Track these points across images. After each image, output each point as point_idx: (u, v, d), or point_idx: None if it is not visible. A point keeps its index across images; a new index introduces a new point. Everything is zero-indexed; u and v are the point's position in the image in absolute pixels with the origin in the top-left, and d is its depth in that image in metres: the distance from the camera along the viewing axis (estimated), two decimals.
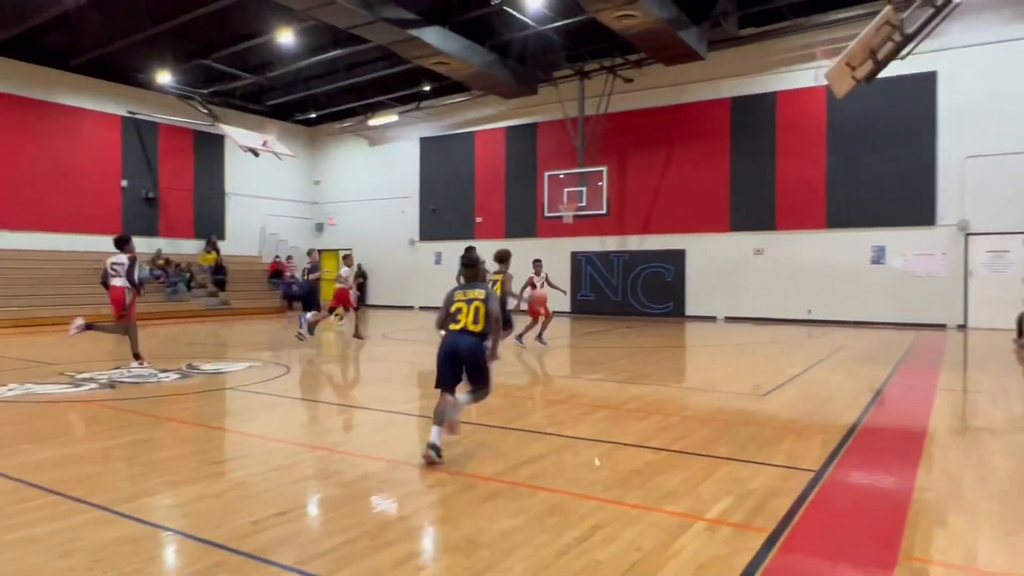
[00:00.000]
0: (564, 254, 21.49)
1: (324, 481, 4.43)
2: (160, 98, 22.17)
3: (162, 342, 13.15)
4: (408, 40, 16.70)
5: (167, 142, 23.04)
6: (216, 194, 24.57)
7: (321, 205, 27.89)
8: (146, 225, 22.41)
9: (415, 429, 6.12)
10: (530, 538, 3.40)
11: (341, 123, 26.27)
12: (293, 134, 25.93)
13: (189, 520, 3.67)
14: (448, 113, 24.07)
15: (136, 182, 22.15)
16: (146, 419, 6.32)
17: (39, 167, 19.76)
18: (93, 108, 21.09)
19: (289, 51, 19.72)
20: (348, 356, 12.15)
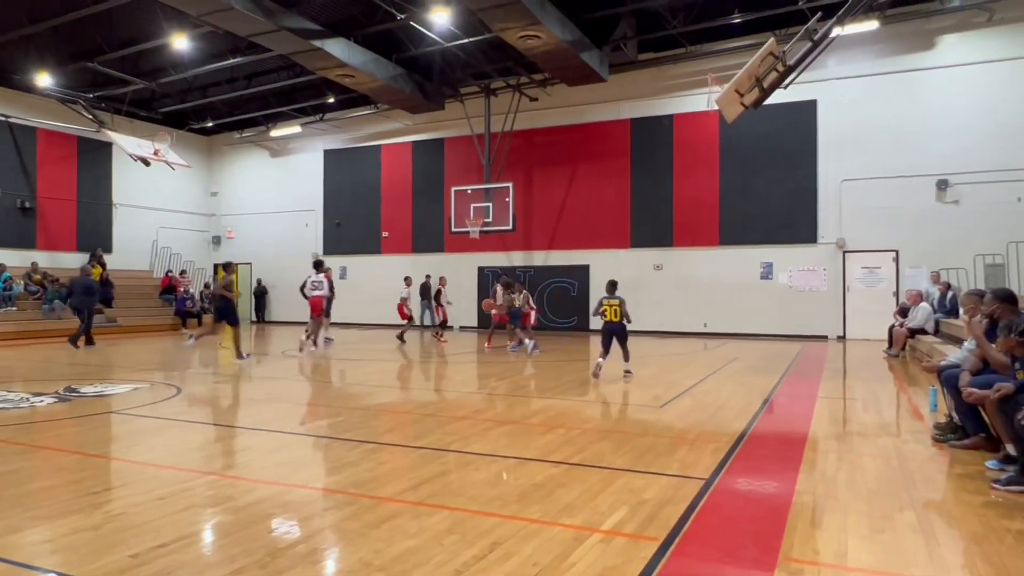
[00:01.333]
0: (471, 269, 21.56)
1: (213, 508, 4.22)
2: (40, 101, 20.71)
3: (37, 364, 12.21)
4: (311, 51, 16.39)
5: (47, 148, 21.52)
6: (102, 204, 23.12)
7: (219, 217, 26.78)
8: (21, 236, 20.82)
9: (311, 450, 5.95)
10: (428, 558, 3.37)
11: (241, 133, 25.41)
12: (188, 143, 24.83)
13: (60, 556, 3.41)
14: (353, 126, 23.74)
15: (10, 190, 20.54)
16: (14, 448, 5.84)
17: None
18: None
19: (184, 57, 18.93)
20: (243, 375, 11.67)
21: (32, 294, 19.26)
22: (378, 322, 22.22)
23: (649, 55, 18.89)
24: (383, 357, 14.05)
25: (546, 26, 14.78)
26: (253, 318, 25.67)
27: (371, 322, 22.37)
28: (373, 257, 23.20)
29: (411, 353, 14.81)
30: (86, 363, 12.23)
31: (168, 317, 21.48)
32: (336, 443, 5.96)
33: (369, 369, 12.23)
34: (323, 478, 4.97)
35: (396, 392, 9.62)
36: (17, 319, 18.19)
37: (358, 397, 8.92)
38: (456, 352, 15.03)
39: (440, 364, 12.66)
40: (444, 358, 13.70)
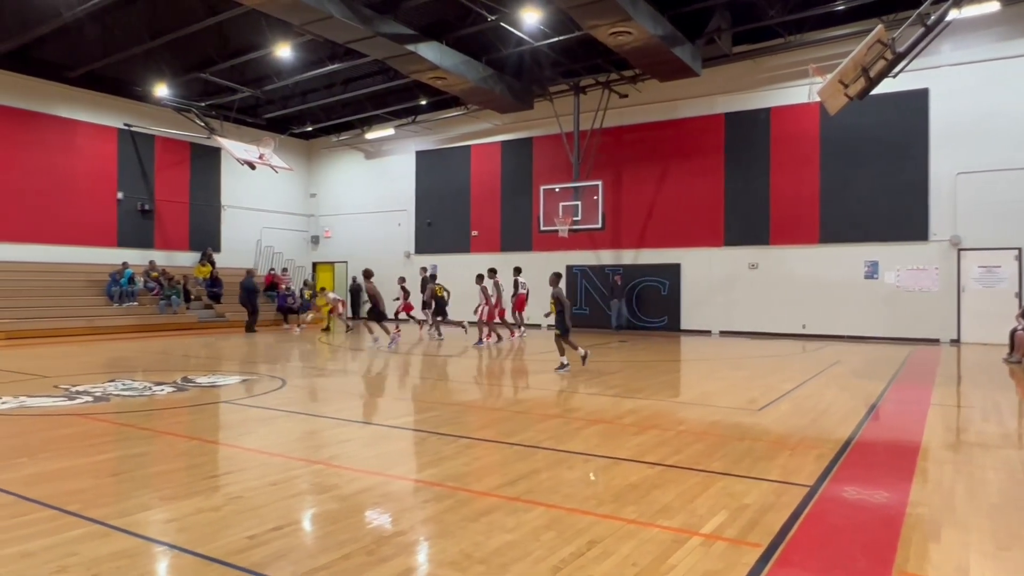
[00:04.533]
0: (559, 268, 21.53)
1: (320, 495, 4.43)
2: (157, 111, 22.23)
3: (156, 355, 13.12)
4: (405, 55, 16.82)
5: (164, 154, 23.08)
6: (212, 207, 24.58)
7: (317, 218, 27.92)
8: (142, 237, 22.40)
9: (410, 443, 6.12)
10: (526, 553, 3.42)
11: (338, 136, 26.38)
12: (290, 147, 26.00)
13: (185, 535, 3.67)
14: (444, 127, 24.19)
15: (132, 194, 22.15)
16: (141, 433, 6.31)
17: (35, 179, 19.76)
18: (89, 120, 21.12)
19: (286, 65, 19.83)
20: (344, 370, 12.14)
21: (150, 291, 20.71)
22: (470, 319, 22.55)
23: (744, 47, 18.30)
24: (475, 354, 14.26)
25: (637, 22, 14.58)
26: (349, 314, 26.59)
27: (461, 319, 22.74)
28: (463, 256, 23.57)
29: (500, 352, 14.96)
30: (199, 355, 13.04)
31: (271, 312, 22.59)
32: (432, 437, 6.11)
33: (460, 366, 12.45)
34: (421, 471, 5.10)
35: (487, 389, 9.75)
36: (138, 313, 19.61)
37: (451, 393, 9.11)
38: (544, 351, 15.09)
39: (529, 363, 12.73)
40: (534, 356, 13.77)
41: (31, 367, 11.09)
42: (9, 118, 19.33)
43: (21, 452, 5.52)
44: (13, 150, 19.37)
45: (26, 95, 19.64)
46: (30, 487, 4.46)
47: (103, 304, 19.54)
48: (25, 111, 19.67)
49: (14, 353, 13.50)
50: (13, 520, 3.86)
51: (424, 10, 16.60)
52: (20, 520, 3.86)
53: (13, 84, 19.26)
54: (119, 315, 19.32)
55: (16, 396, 7.98)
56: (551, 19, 16.21)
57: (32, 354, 13.31)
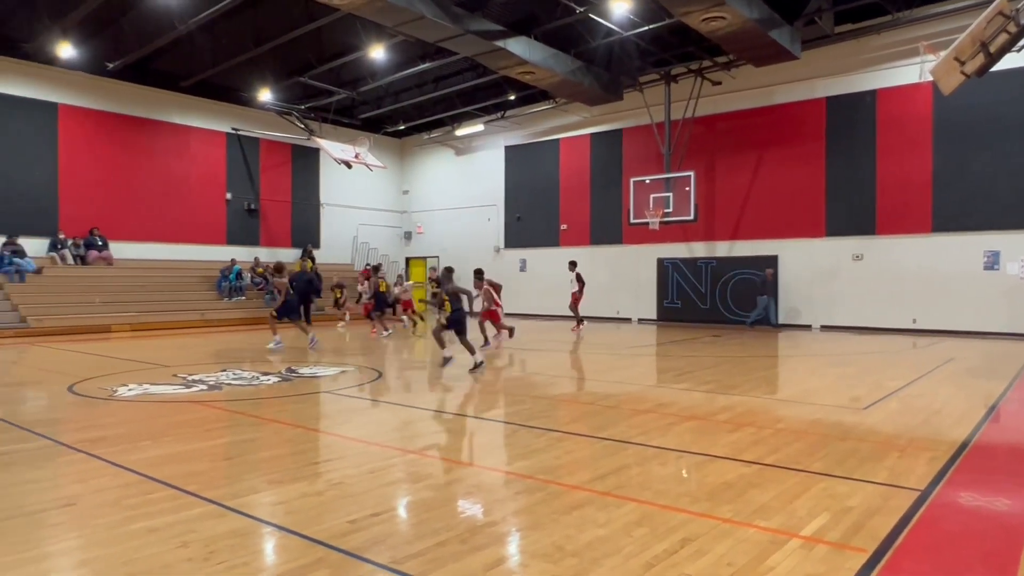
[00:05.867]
0: (650, 261, 21.20)
1: (415, 484, 4.56)
2: (261, 115, 23.42)
3: (262, 347, 13.84)
4: (494, 51, 16.96)
5: (267, 156, 24.30)
6: (312, 205, 25.68)
7: (410, 214, 28.66)
8: (248, 235, 23.69)
9: (501, 436, 6.20)
10: (618, 548, 3.41)
11: (429, 134, 26.95)
12: (384, 146, 26.78)
13: (292, 517, 3.87)
14: (533, 121, 24.25)
15: (239, 194, 23.46)
16: (250, 420, 6.70)
17: (153, 182, 21.26)
18: (200, 126, 22.51)
19: (380, 66, 20.42)
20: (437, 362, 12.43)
21: (256, 285, 21.89)
22: (557, 313, 22.60)
23: (847, 27, 17.35)
24: (562, 348, 14.28)
25: (731, 6, 14.10)
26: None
27: (550, 313, 22.80)
28: (552, 250, 23.59)
29: (589, 345, 14.90)
30: (301, 347, 13.66)
31: None
32: (522, 430, 6.17)
33: (548, 359, 12.49)
34: (512, 463, 5.17)
35: (576, 383, 9.73)
36: (245, 307, 20.79)
37: (540, 386, 9.16)
38: (635, 346, 14.92)
39: (619, 357, 12.60)
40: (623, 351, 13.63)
41: (152, 357, 11.95)
42: (131, 126, 20.87)
43: (146, 436, 5.97)
44: (134, 156, 20.90)
45: (145, 104, 21.13)
46: (154, 468, 4.82)
47: (214, 298, 20.82)
48: (144, 119, 21.18)
49: (138, 344, 14.59)
50: (141, 498, 4.19)
51: (512, 5, 16.69)
52: (146, 498, 4.19)
53: (133, 94, 20.77)
54: (228, 309, 20.54)
55: (140, 384, 8.64)
56: (641, 8, 15.93)
57: (153, 345, 14.35)
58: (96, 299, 18.04)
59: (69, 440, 5.71)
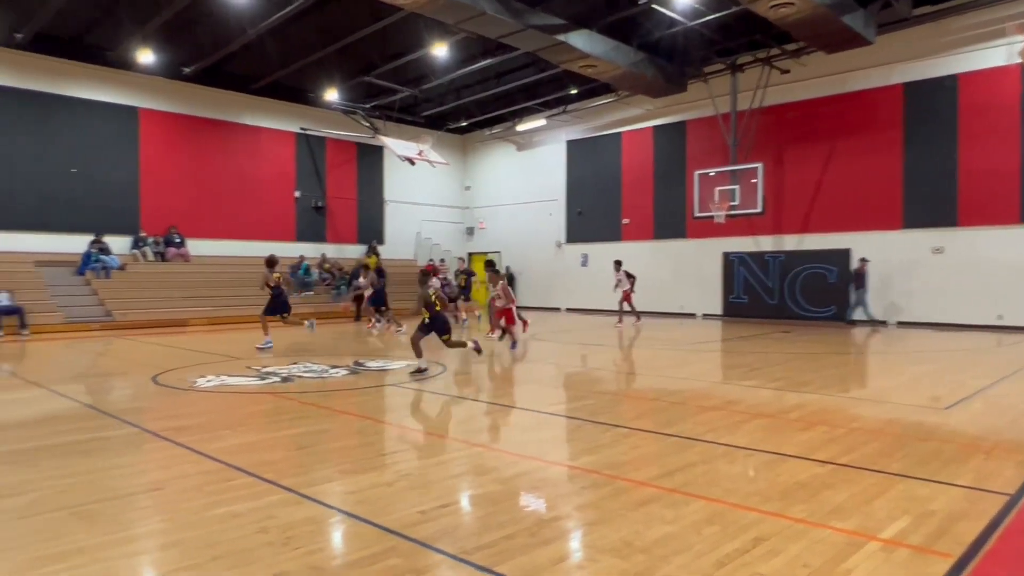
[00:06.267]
0: (715, 255, 20.78)
1: (482, 477, 4.62)
2: (327, 114, 24.01)
3: (330, 340, 14.23)
4: (555, 45, 16.90)
5: (334, 155, 24.90)
6: (376, 202, 26.20)
7: (472, 210, 28.88)
8: (316, 232, 24.34)
9: (566, 430, 6.20)
10: (687, 545, 3.37)
11: (490, 129, 27.08)
12: (446, 142, 27.06)
13: (364, 506, 3.98)
14: (594, 115, 24.07)
15: (307, 192, 24.13)
16: (321, 411, 6.90)
17: (225, 182, 22.08)
18: (270, 126, 23.23)
19: (442, 63, 20.63)
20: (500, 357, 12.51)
21: (323, 281, 22.48)
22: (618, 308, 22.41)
23: (926, 8, 16.55)
24: (624, 344, 14.15)
25: None
26: None
27: (612, 309, 22.62)
28: (614, 244, 23.38)
29: (653, 341, 14.72)
30: (368, 340, 13.99)
31: None
32: (588, 425, 6.15)
33: (610, 355, 12.41)
34: (578, 457, 5.16)
35: (640, 379, 9.64)
36: (314, 302, 21.36)
37: (603, 382, 9.11)
38: (699, 341, 14.67)
39: (684, 352, 12.41)
40: (688, 347, 13.42)
41: (227, 350, 12.44)
42: (205, 128, 21.73)
43: (224, 425, 6.23)
44: (209, 157, 21.76)
45: (219, 106, 21.95)
46: (233, 456, 5.02)
47: None
48: (218, 121, 22.01)
49: (213, 337, 15.21)
50: (222, 484, 4.38)
51: None
52: (227, 484, 4.37)
53: (208, 97, 21.60)
54: (297, 303, 21.12)
55: (218, 375, 9.01)
56: None
57: (227, 338, 14.92)
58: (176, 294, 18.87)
59: (154, 428, 6.01)
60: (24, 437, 5.78)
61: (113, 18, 17.59)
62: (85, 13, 17.34)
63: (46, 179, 18.57)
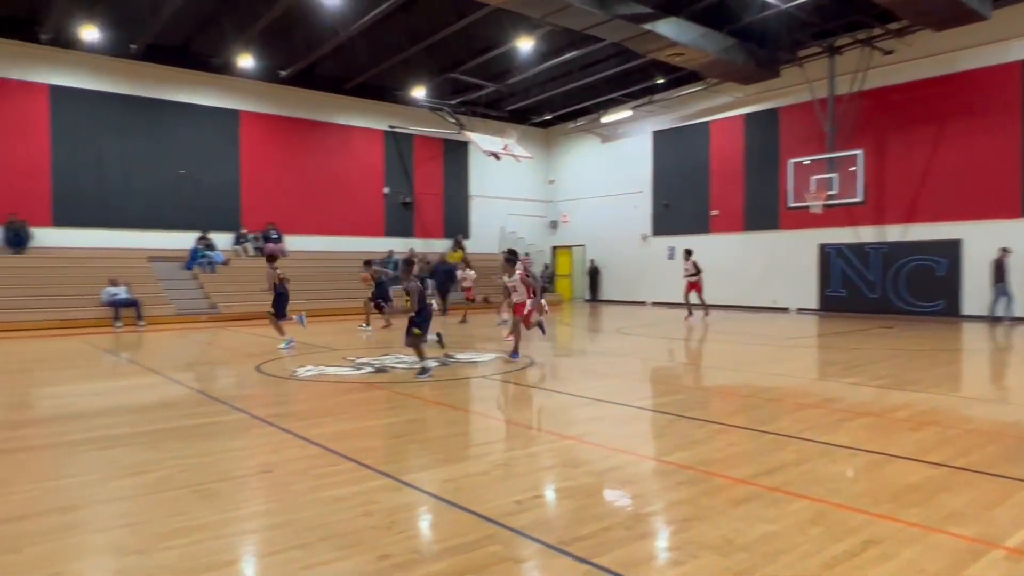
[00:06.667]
0: (810, 247, 19.95)
1: (575, 469, 4.62)
2: (414, 112, 24.53)
3: None
4: (642, 35, 16.62)
5: (421, 151, 25.43)
6: (461, 197, 26.59)
7: (555, 203, 28.86)
8: (403, 227, 24.96)
9: (658, 425, 6.13)
10: (792, 545, 3.27)
11: (575, 122, 26.94)
12: (530, 136, 27.12)
13: (461, 494, 4.06)
14: (682, 104, 23.54)
15: (395, 189, 24.76)
16: (415, 401, 7.09)
17: (319, 179, 22.94)
18: (360, 125, 23.95)
19: (527, 57, 20.68)
20: (585, 350, 12.48)
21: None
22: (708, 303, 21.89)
23: None
24: (713, 338, 13.82)
25: None
26: (587, 296, 27.24)
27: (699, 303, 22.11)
28: (702, 237, 22.83)
29: (744, 336, 14.31)
30: (456, 333, 14.23)
31: None
32: (680, 420, 6.05)
33: (699, 350, 12.14)
34: (672, 452, 5.09)
35: (732, 374, 9.38)
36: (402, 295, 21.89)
37: (693, 377, 8.94)
38: (794, 336, 14.16)
39: (778, 348, 12.00)
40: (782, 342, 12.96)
41: (324, 341, 12.94)
42: (300, 128, 22.63)
43: (324, 412, 6.50)
44: (304, 156, 22.66)
45: (312, 107, 22.81)
46: (334, 442, 5.23)
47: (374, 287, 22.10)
48: (312, 121, 22.88)
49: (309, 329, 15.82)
50: (326, 469, 4.58)
51: None
52: (330, 469, 4.56)
53: (301, 98, 22.47)
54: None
55: (316, 365, 9.40)
56: None
57: (323, 330, 15.51)
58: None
59: (260, 414, 6.33)
60: (145, 420, 6.21)
61: (216, 26, 18.57)
62: (191, 23, 18.39)
63: (157, 180, 19.86)
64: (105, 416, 6.27)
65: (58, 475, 4.60)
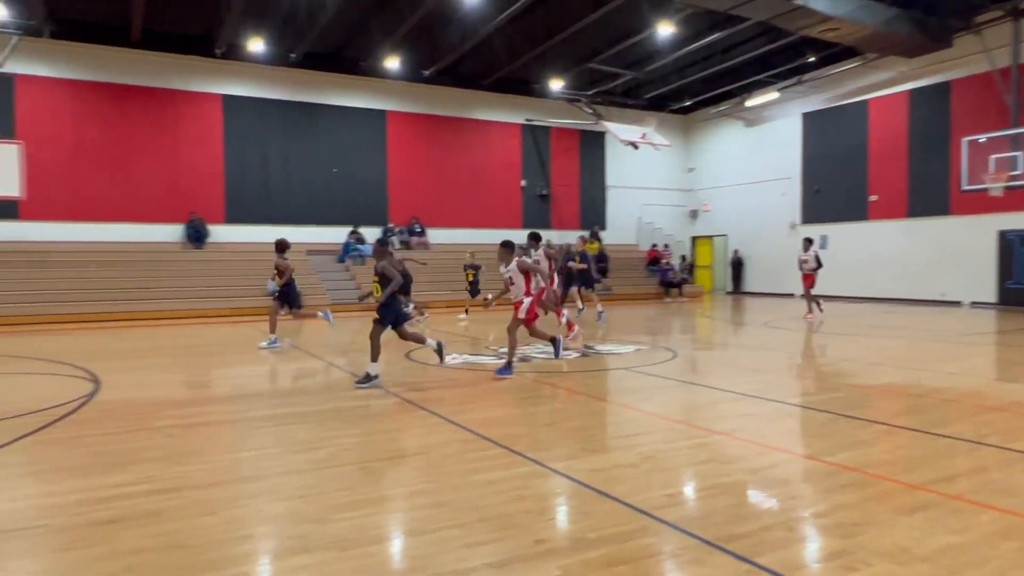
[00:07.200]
0: (988, 234, 17.99)
1: (728, 465, 4.46)
2: (551, 104, 24.64)
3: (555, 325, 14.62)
4: (791, 11, 15.68)
5: (557, 143, 25.54)
6: (598, 187, 26.43)
7: (695, 192, 27.97)
8: (540, 220, 25.17)
9: (816, 424, 5.78)
10: (982, 560, 2.98)
11: (716, 107, 25.94)
12: (668, 124, 26.42)
13: (611, 485, 4.04)
14: (835, 83, 21.97)
15: (532, 181, 25.05)
16: (558, 391, 7.15)
17: (459, 174, 23.66)
18: (499, 120, 24.42)
19: (666, 43, 20.16)
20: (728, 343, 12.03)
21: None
22: (865, 295, 20.39)
23: None
24: (872, 333, 12.82)
25: None
26: (729, 288, 26.23)
27: (856, 295, 20.64)
28: (858, 224, 21.25)
29: (910, 331, 13.18)
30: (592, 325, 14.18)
31: (653, 286, 23.46)
32: (841, 420, 5.67)
33: (859, 345, 11.31)
34: (834, 453, 4.77)
35: (898, 372, 8.66)
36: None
37: (854, 374, 8.35)
38: (969, 333, 12.86)
39: (950, 345, 10.94)
40: (955, 339, 11.80)
41: (467, 330, 13.35)
42: (442, 125, 23.43)
43: (472, 399, 6.71)
44: (445, 152, 23.46)
45: (453, 104, 23.53)
46: (484, 428, 5.38)
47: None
48: (453, 118, 23.62)
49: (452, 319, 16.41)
50: (477, 453, 4.72)
51: None
52: (481, 454, 4.70)
53: (443, 96, 23.23)
54: None
55: (462, 354, 9.73)
56: None
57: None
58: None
59: (412, 398, 6.64)
60: (311, 401, 6.71)
61: (365, 31, 19.61)
62: (343, 29, 19.53)
63: (313, 179, 21.36)
64: (276, 396, 6.84)
65: (241, 448, 5.08)
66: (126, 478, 4.22)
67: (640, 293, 23.20)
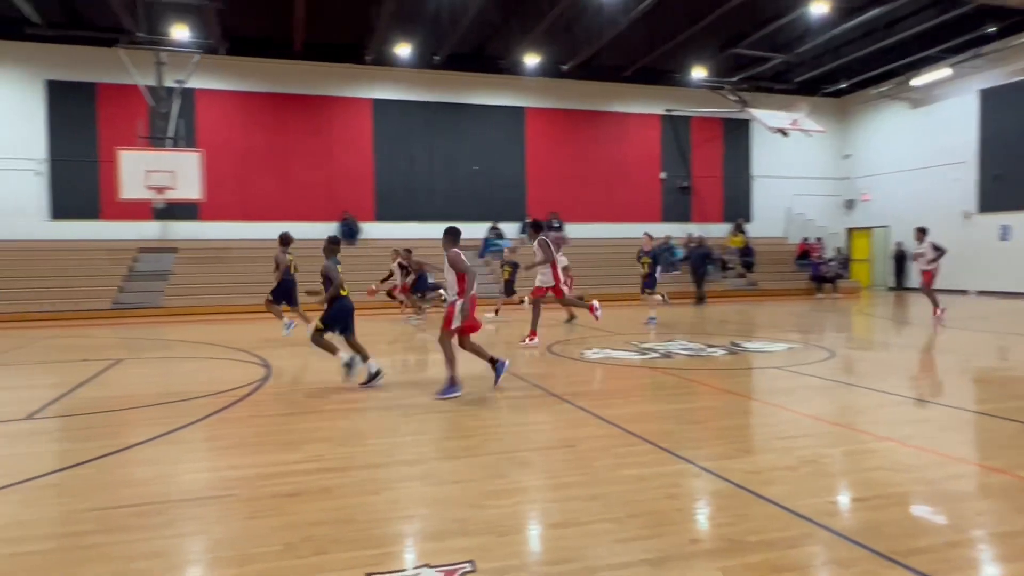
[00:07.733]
0: None
1: (901, 474, 4.13)
2: (692, 93, 23.88)
3: (695, 320, 14.21)
4: None
5: (699, 133, 24.72)
6: (743, 178, 25.31)
7: (851, 180, 26.05)
8: (680, 212, 24.53)
9: (1005, 434, 5.20)
10: None
11: (876, 88, 24.00)
12: (821, 108, 24.80)
13: (770, 488, 3.86)
14: (1020, 55, 19.63)
15: (672, 173, 24.42)
16: (705, 388, 6.94)
17: (597, 168, 23.52)
18: (637, 111, 24.01)
19: (819, 22, 18.91)
20: (891, 343, 11.14)
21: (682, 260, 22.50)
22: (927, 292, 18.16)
23: None
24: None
25: None
26: (891, 284, 24.24)
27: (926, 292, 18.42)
28: None
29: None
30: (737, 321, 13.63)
31: (802, 281, 22.14)
32: None
33: None
34: None
35: None
36: (680, 281, 21.57)
37: None
38: None
39: None
40: None
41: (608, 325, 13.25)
42: (580, 120, 23.42)
43: (616, 394, 6.67)
44: (581, 146, 23.41)
45: (591, 98, 23.42)
46: (630, 423, 5.33)
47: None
48: (591, 111, 23.53)
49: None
50: (626, 448, 4.69)
51: None
52: (630, 449, 4.66)
53: (581, 90, 23.18)
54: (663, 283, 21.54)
55: (603, 348, 9.69)
56: None
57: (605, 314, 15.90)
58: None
59: (557, 391, 6.69)
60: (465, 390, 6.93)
61: (505, 30, 19.97)
62: (483, 30, 20.00)
63: (455, 177, 22.11)
64: (430, 385, 7.10)
65: (401, 432, 5.36)
66: (299, 456, 4.59)
67: (789, 289, 21.98)
